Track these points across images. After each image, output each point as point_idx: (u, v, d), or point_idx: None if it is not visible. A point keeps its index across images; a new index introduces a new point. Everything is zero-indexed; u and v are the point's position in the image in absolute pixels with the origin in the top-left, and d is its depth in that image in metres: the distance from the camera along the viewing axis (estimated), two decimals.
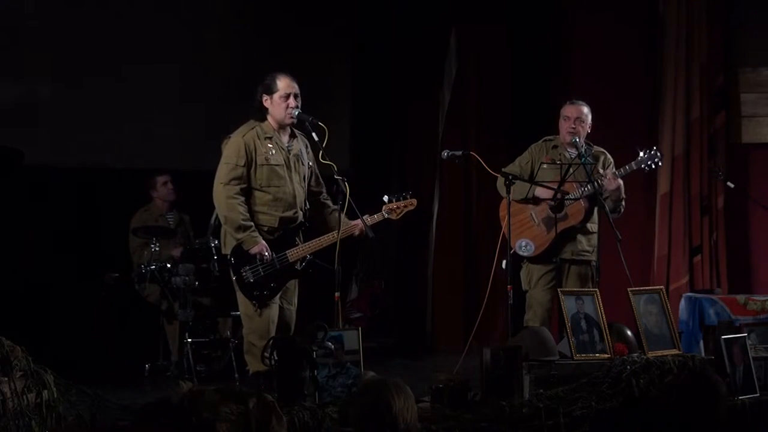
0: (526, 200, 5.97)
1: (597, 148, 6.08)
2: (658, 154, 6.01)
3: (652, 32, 8.10)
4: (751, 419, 4.86)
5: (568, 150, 6.04)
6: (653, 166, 6.06)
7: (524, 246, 5.91)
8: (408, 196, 5.52)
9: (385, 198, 5.48)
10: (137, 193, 7.52)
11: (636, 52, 8.18)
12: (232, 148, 5.28)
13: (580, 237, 5.98)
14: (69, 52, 7.80)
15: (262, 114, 5.34)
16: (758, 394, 4.97)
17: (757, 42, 8.02)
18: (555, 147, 6.09)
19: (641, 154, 5.98)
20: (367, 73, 8.92)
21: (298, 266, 5.33)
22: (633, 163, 5.98)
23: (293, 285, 5.41)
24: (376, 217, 5.42)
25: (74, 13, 7.85)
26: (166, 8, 8.21)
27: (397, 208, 5.48)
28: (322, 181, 5.57)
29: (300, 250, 5.30)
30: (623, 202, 6.01)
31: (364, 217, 5.35)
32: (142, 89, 7.95)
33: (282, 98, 5.29)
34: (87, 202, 7.76)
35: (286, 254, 5.27)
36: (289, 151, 5.35)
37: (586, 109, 6.06)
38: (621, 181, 5.91)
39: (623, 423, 4.64)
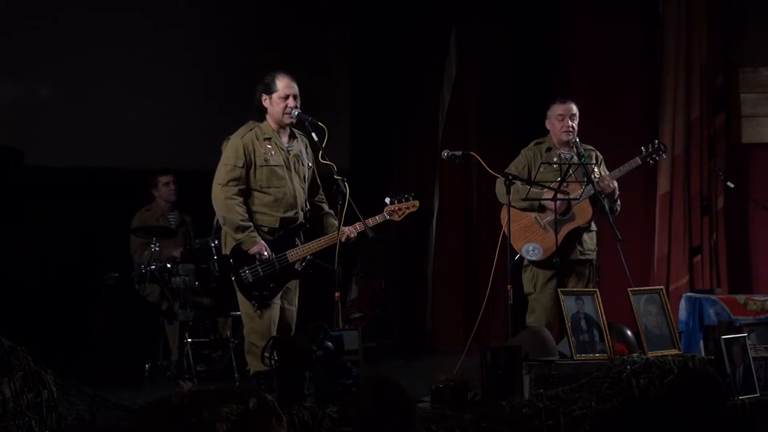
0: (527, 204, 5.92)
1: (586, 146, 6.05)
2: (662, 146, 6.03)
3: (652, 32, 8.11)
4: (751, 419, 4.86)
5: (561, 150, 6.02)
6: (657, 158, 6.07)
7: (532, 251, 5.88)
8: (410, 198, 5.51)
9: (387, 199, 5.47)
10: (137, 193, 7.51)
11: (636, 52, 8.19)
12: (230, 150, 5.28)
13: (584, 236, 5.98)
14: (69, 52, 7.80)
15: (261, 114, 5.34)
16: (758, 394, 4.97)
17: (757, 42, 8.03)
18: (549, 149, 6.05)
19: (644, 149, 5.99)
20: (367, 73, 8.92)
21: (297, 267, 5.33)
22: (638, 158, 5.98)
23: (294, 285, 5.40)
24: (378, 219, 5.42)
25: (74, 13, 7.85)
26: (166, 8, 8.21)
27: (399, 209, 5.48)
28: (319, 183, 5.57)
29: (300, 251, 5.30)
30: (618, 201, 6.01)
31: (366, 221, 5.34)
32: (142, 89, 7.95)
33: (281, 98, 5.28)
34: (87, 202, 7.76)
35: (285, 255, 5.26)
36: (288, 151, 5.34)
37: (575, 106, 6.05)
38: (616, 183, 5.91)
39: (623, 423, 4.64)
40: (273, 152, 5.28)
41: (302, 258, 5.33)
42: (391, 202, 5.47)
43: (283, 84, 5.29)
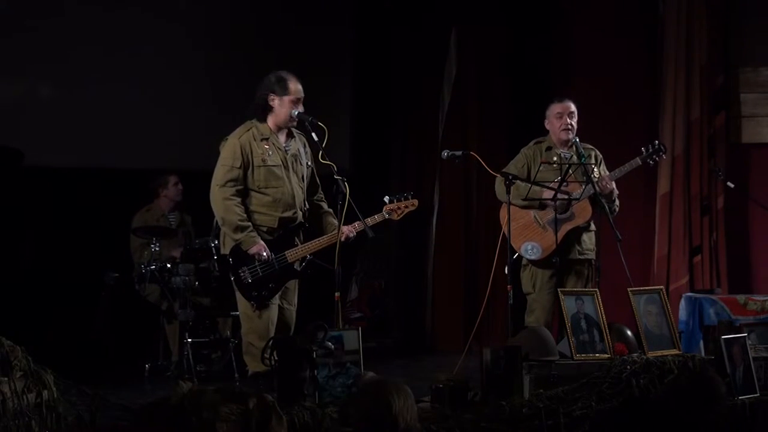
0: (527, 203, 5.92)
1: (586, 146, 6.04)
2: (662, 146, 6.03)
3: (652, 32, 8.11)
4: (751, 419, 4.86)
5: (561, 150, 6.02)
6: (657, 159, 6.07)
7: (531, 250, 5.87)
8: (409, 197, 5.52)
9: (386, 198, 5.47)
10: (137, 193, 7.52)
11: (636, 52, 8.19)
12: (228, 150, 5.27)
13: (583, 236, 5.97)
14: (69, 52, 7.80)
15: (264, 112, 5.32)
16: (758, 394, 4.96)
17: (757, 42, 8.02)
18: (549, 149, 6.05)
19: (644, 150, 5.99)
20: (367, 73, 8.92)
21: (297, 266, 5.33)
22: (638, 158, 5.98)
23: (293, 285, 5.39)
24: (377, 218, 5.41)
25: (74, 13, 7.85)
26: (166, 8, 8.21)
27: (398, 208, 5.47)
28: (318, 182, 5.56)
29: (299, 251, 5.29)
30: (617, 201, 6.01)
31: (365, 220, 5.34)
32: (142, 89, 7.95)
33: (291, 102, 5.28)
34: (87, 202, 7.76)
35: (285, 255, 5.26)
36: (286, 151, 5.34)
37: (573, 104, 6.04)
38: (614, 184, 5.91)
39: (623, 423, 4.64)
40: (271, 152, 5.27)
41: (302, 258, 5.32)
42: (390, 201, 5.47)
43: (295, 88, 5.28)
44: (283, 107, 5.27)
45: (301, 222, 5.36)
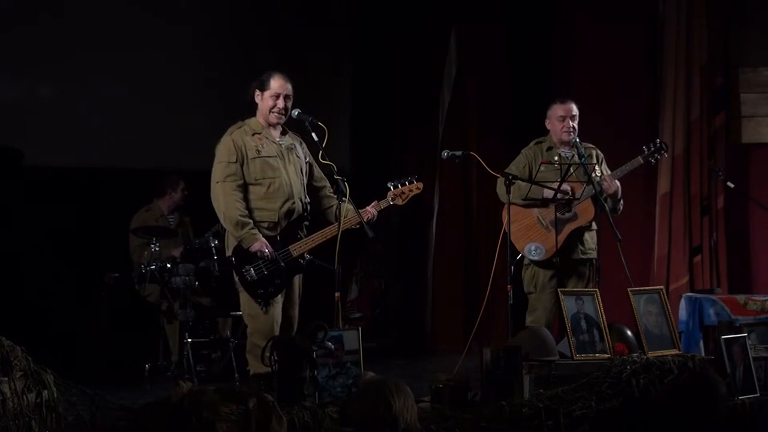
0: (528, 202, 5.92)
1: (587, 145, 6.05)
2: (663, 145, 6.03)
3: (652, 32, 8.11)
4: (751, 419, 4.87)
5: (562, 150, 6.02)
6: (659, 157, 6.07)
7: (534, 250, 5.87)
8: (413, 180, 5.51)
9: (390, 184, 5.47)
10: (137, 193, 7.52)
11: (636, 52, 8.19)
12: (222, 148, 5.30)
13: (585, 235, 5.98)
14: (69, 52, 7.80)
15: (252, 109, 5.36)
16: (758, 394, 4.97)
17: (757, 42, 8.03)
18: (549, 149, 6.05)
19: (645, 149, 5.99)
20: (367, 73, 8.92)
21: (302, 261, 5.30)
22: (639, 157, 5.98)
23: (297, 284, 5.39)
24: (382, 204, 5.41)
25: (75, 13, 7.85)
26: (166, 8, 8.21)
27: (403, 192, 5.47)
28: (324, 176, 5.56)
29: (303, 244, 5.28)
30: (621, 201, 6.01)
31: (371, 206, 5.35)
32: (142, 89, 7.95)
33: (272, 97, 5.30)
34: (87, 202, 7.76)
35: (288, 249, 5.24)
36: (280, 144, 5.35)
37: (575, 106, 6.04)
38: (618, 183, 5.91)
39: (623, 423, 4.64)
40: (264, 144, 5.29)
41: (302, 254, 5.30)
42: (395, 187, 5.47)
43: (276, 83, 5.31)
44: (264, 102, 5.31)
45: (301, 214, 5.34)
